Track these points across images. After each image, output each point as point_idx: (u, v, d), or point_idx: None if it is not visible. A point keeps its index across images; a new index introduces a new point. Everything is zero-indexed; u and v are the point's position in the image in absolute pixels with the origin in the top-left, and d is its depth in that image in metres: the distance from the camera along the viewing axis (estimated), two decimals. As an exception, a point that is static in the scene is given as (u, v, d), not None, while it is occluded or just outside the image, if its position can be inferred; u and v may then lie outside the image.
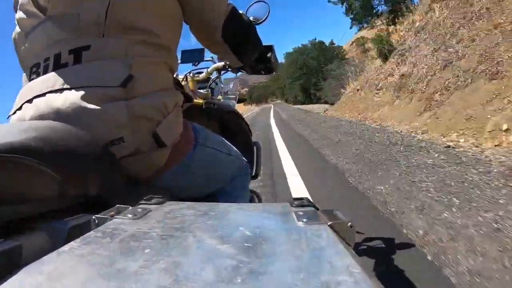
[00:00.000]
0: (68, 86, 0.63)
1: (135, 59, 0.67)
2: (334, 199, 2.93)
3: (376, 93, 9.62)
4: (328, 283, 0.25)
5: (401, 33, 11.18)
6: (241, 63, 1.08)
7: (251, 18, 1.25)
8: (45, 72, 0.67)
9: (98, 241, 0.35)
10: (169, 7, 0.75)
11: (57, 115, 0.61)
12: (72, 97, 0.61)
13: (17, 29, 0.77)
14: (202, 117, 1.21)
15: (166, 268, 0.28)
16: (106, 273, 0.28)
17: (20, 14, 0.75)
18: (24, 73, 0.77)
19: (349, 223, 0.39)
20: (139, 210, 0.46)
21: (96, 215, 0.43)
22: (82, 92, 0.62)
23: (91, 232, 0.38)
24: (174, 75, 0.83)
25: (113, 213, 0.44)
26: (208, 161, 0.85)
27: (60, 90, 0.63)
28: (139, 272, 0.28)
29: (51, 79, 0.65)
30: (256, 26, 1.23)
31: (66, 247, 0.33)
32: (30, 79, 0.70)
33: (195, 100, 1.30)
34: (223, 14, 0.86)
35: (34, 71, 0.70)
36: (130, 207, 0.47)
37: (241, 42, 0.97)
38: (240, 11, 0.94)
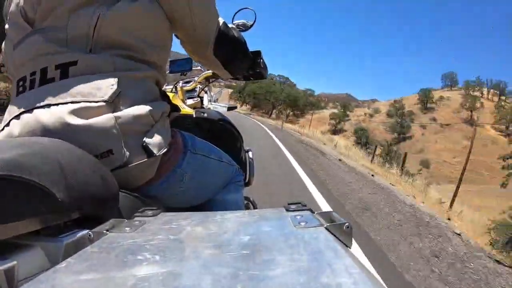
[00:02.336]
0: (55, 102, 0.63)
1: (122, 74, 0.68)
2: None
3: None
4: (328, 286, 0.25)
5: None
6: (232, 76, 1.10)
7: (239, 23, 1.26)
8: (32, 86, 0.67)
9: (95, 256, 0.35)
10: (158, 25, 0.76)
11: (45, 131, 0.60)
12: (59, 113, 0.61)
13: (6, 39, 0.77)
14: (192, 127, 1.21)
15: (164, 280, 0.28)
16: None
17: (8, 25, 0.75)
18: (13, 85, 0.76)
19: (346, 225, 0.39)
20: (134, 223, 0.46)
21: (91, 230, 0.43)
22: (69, 108, 0.62)
23: (87, 247, 0.38)
24: (162, 88, 0.84)
25: (108, 227, 0.44)
26: (199, 168, 0.84)
27: (48, 106, 0.63)
28: (137, 286, 0.27)
29: (38, 94, 0.65)
30: (244, 32, 1.25)
31: (62, 264, 0.33)
32: (17, 93, 0.70)
33: (185, 110, 1.30)
34: (214, 30, 0.87)
35: (21, 85, 0.69)
36: (125, 220, 0.47)
37: (232, 56, 0.99)
38: (230, 25, 0.95)
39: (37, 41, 0.68)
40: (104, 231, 0.42)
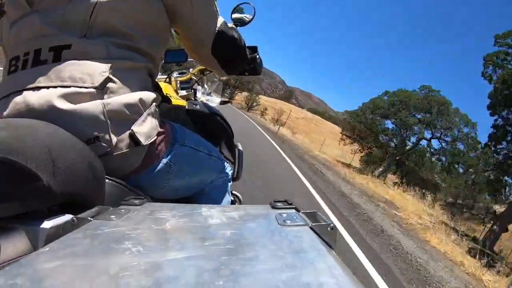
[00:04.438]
0: (45, 85, 0.62)
1: (115, 61, 0.68)
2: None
3: None
4: (310, 285, 0.25)
5: None
6: (228, 75, 1.09)
7: (238, 16, 1.26)
8: (24, 67, 0.66)
9: (78, 242, 0.35)
10: (156, 18, 0.76)
11: (33, 113, 0.60)
12: (48, 96, 0.61)
13: (4, 17, 0.76)
14: (184, 118, 1.21)
15: (146, 270, 0.28)
16: (86, 275, 0.28)
17: (8, 2, 0.73)
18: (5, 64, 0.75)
19: (331, 225, 0.39)
20: (119, 211, 0.46)
21: (76, 216, 0.43)
22: (58, 91, 0.61)
23: (71, 233, 0.38)
24: (155, 79, 0.83)
25: (93, 214, 0.44)
26: (187, 160, 0.84)
27: (37, 88, 0.62)
28: (119, 274, 0.27)
29: (29, 75, 0.64)
30: (243, 27, 1.25)
31: (45, 248, 0.33)
32: (9, 72, 0.69)
33: (178, 101, 1.30)
34: (214, 29, 0.87)
35: (13, 64, 0.69)
36: (111, 208, 0.47)
37: (229, 57, 0.98)
38: (230, 24, 0.95)
39: (34, 22, 0.68)
40: (89, 218, 0.42)
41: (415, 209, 10.48)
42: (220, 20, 0.88)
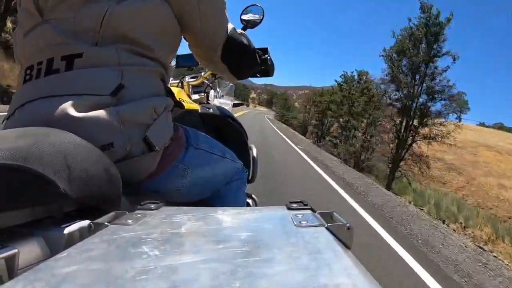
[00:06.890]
0: (59, 93, 0.63)
1: (126, 68, 0.68)
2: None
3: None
4: (326, 286, 0.25)
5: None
6: (238, 80, 1.10)
7: (247, 18, 1.26)
8: (38, 76, 0.68)
9: (95, 247, 0.35)
10: (166, 25, 0.76)
11: (48, 122, 0.61)
12: (61, 105, 0.61)
13: (18, 26, 0.77)
14: (197, 122, 1.21)
15: (163, 273, 0.28)
16: (104, 279, 0.28)
17: (20, 12, 0.75)
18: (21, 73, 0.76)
19: (347, 225, 0.39)
20: (135, 215, 0.46)
21: (93, 221, 0.43)
22: (72, 100, 0.62)
23: (88, 238, 0.38)
24: (168, 84, 0.84)
25: (110, 219, 0.44)
26: (201, 163, 0.85)
27: (51, 97, 0.63)
28: (136, 278, 0.28)
29: (43, 84, 0.66)
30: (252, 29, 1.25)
31: (63, 254, 0.33)
32: (24, 81, 0.70)
33: (190, 105, 1.30)
34: (223, 36, 0.87)
35: (28, 73, 0.70)
36: (127, 213, 0.47)
37: (239, 63, 0.98)
38: (239, 30, 0.95)
39: (46, 31, 0.69)
40: (106, 223, 0.42)
41: None
42: (230, 26, 0.88)
